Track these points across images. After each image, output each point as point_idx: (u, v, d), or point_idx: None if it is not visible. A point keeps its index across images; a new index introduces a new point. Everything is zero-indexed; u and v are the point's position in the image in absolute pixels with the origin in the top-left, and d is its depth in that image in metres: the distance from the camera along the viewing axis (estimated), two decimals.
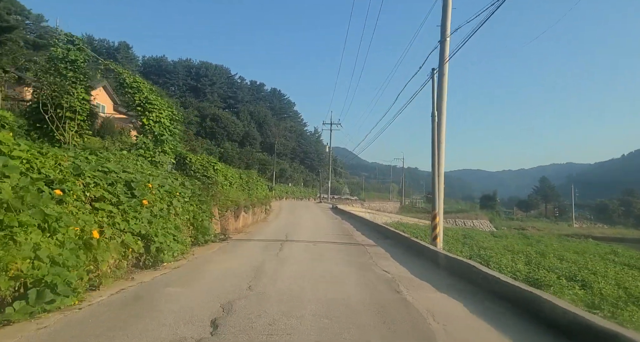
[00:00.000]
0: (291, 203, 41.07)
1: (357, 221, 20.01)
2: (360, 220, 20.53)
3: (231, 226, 12.10)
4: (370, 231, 14.49)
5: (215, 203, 10.62)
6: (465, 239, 16.05)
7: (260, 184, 26.11)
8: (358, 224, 18.09)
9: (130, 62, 68.54)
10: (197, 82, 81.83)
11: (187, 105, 75.31)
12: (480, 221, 49.16)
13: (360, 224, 18.03)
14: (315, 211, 28.93)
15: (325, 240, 10.83)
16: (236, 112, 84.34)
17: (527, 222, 66.75)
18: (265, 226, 15.02)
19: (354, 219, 21.37)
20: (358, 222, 19.59)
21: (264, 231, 12.71)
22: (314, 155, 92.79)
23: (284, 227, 14.77)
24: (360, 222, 18.98)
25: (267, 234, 12.01)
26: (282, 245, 9.37)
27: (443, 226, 10.66)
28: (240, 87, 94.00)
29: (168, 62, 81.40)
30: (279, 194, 51.36)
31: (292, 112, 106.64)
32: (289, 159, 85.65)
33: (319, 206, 38.24)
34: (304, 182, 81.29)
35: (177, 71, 79.73)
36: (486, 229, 41.72)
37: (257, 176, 25.80)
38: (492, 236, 21.60)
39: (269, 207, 26.60)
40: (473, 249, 12.70)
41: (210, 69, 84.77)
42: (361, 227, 16.38)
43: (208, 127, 74.28)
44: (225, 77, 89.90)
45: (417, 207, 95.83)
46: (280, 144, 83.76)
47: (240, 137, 78.88)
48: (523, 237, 23.27)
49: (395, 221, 34.61)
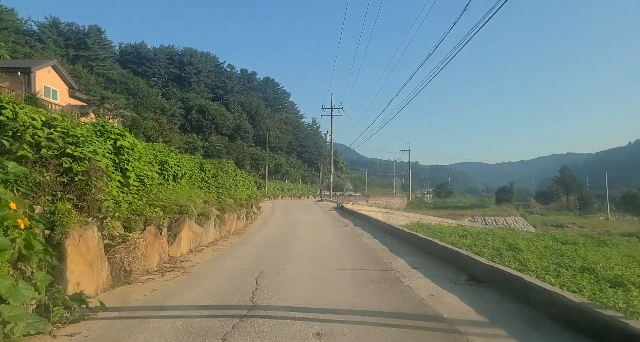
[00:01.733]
0: (287, 203, 35.15)
1: (379, 229, 14.12)
2: (382, 226, 14.63)
3: (153, 260, 6.16)
4: (425, 256, 8.51)
5: (93, 214, 4.70)
6: (552, 255, 10.16)
7: (244, 180, 20.21)
8: (385, 235, 12.19)
9: (104, 48, 62.33)
10: (181, 71, 75.58)
11: (170, 95, 69.25)
12: (515, 219, 43.25)
13: (389, 235, 12.12)
14: (316, 214, 23.01)
15: (344, 304, 4.83)
16: (226, 104, 78.22)
17: (553, 216, 60.96)
18: (231, 249, 9.09)
19: (372, 225, 15.46)
20: (381, 230, 13.68)
21: (214, 270, 6.62)
22: (313, 149, 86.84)
23: (263, 251, 8.83)
24: (385, 231, 13.08)
25: (210, 284, 5.60)
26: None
27: (472, 225, 5.73)
28: (229, 76, 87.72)
29: (148, 49, 75.12)
30: (273, 192, 45.49)
31: (288, 103, 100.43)
32: (285, 154, 79.71)
33: (320, 205, 32.30)
34: (302, 179, 75.43)
35: (158, 59, 73.50)
36: (522, 227, 35.92)
37: (238, 169, 19.89)
38: (557, 242, 15.73)
39: (256, 211, 20.70)
40: (597, 277, 6.68)
41: (195, 56, 78.47)
42: (396, 243, 10.51)
43: (194, 119, 68.26)
44: (212, 65, 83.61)
45: (425, 203, 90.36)
46: (275, 136, 77.81)
47: (230, 131, 72.90)
48: (597, 241, 17.40)
49: (414, 221, 28.78)
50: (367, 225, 15.65)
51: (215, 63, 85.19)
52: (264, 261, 7.26)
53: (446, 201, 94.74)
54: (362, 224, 15.94)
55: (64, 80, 32.74)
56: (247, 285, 5.34)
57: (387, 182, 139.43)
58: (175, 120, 63.18)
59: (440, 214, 40.40)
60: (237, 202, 15.36)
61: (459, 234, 16.11)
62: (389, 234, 12.28)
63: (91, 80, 52.27)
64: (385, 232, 12.86)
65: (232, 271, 6.40)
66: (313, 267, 6.79)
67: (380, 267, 6.89)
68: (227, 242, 10.24)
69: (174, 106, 65.20)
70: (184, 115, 67.49)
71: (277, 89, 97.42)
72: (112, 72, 58.41)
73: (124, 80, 58.01)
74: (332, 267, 6.81)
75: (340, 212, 24.22)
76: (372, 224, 15.72)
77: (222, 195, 13.56)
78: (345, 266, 7.03)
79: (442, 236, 12.13)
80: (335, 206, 29.80)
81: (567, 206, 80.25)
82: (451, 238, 10.81)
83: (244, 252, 8.56)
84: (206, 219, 9.42)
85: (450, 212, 53.90)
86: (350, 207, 27.26)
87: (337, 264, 7.22)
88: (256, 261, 7.27)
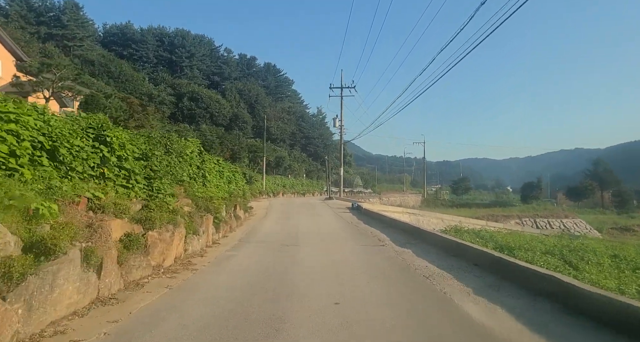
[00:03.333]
0: (288, 202, 29.09)
1: (449, 253, 8.06)
2: (447, 246, 8.56)
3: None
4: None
5: None
6: None
7: (222, 170, 14.21)
8: (482, 275, 6.12)
9: (83, 27, 56.37)
10: (172, 54, 69.48)
11: (158, 81, 63.30)
12: (574, 221, 36.58)
13: (489, 275, 6.04)
14: (326, 219, 17.01)
15: None
16: (222, 92, 72.17)
17: (607, 215, 54.13)
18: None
19: (426, 242, 9.39)
20: (458, 258, 7.63)
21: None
22: (318, 141, 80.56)
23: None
24: (475, 264, 7.01)
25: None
26: None
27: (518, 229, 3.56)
28: (226, 61, 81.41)
29: (134, 29, 68.95)
30: (272, 189, 39.54)
31: (291, 92, 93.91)
32: (287, 146, 73.65)
33: (330, 205, 26.15)
34: (307, 173, 69.41)
35: (146, 40, 67.37)
36: (585, 231, 29.65)
37: (213, 156, 13.95)
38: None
39: (243, 214, 14.72)
40: None
41: (188, 39, 72.19)
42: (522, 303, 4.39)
43: (186, 108, 62.37)
44: (207, 49, 77.30)
45: (442, 200, 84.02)
46: (276, 127, 71.81)
47: (227, 121, 66.94)
48: None
49: (451, 225, 22.75)
50: (416, 240, 9.57)
51: (210, 47, 78.90)
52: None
53: (463, 198, 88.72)
54: (405, 240, 9.86)
55: (9, 50, 26.95)
56: None
57: (396, 178, 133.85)
58: (164, 108, 57.35)
59: (476, 215, 34.21)
60: (201, 204, 9.43)
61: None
62: (482, 270, 6.18)
63: (65, 60, 46.30)
64: (471, 265, 6.77)
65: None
66: None
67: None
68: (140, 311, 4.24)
69: (162, 92, 59.27)
70: (175, 103, 61.58)
71: (279, 76, 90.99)
72: (90, 53, 52.48)
73: (104, 61, 52.10)
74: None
75: (358, 215, 18.18)
76: (425, 240, 9.61)
77: (163, 191, 7.54)
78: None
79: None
80: (349, 205, 23.73)
81: (602, 203, 73.46)
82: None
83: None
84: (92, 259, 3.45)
85: (475, 211, 47.69)
86: (370, 207, 21.21)
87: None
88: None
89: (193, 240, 8.01)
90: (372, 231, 11.99)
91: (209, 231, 9.42)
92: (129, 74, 54.45)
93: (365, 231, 12.12)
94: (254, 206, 20.62)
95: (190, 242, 7.84)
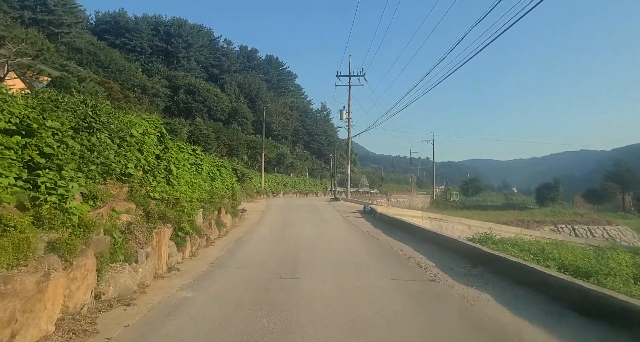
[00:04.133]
0: (289, 203, 25.76)
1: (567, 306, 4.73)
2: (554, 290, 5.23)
3: None
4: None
5: None
6: None
7: (200, 163, 10.95)
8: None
9: (71, 13, 53.20)
10: (168, 44, 66.21)
11: (153, 72, 60.09)
12: (619, 228, 32.93)
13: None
14: (334, 226, 13.69)
15: None
16: (221, 85, 68.93)
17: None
18: None
19: (499, 273, 6.05)
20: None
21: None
22: (322, 138, 77.14)
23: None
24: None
25: None
26: None
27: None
28: (226, 53, 78.05)
29: (128, 17, 65.73)
30: (272, 188, 36.32)
31: (294, 86, 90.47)
32: (289, 143, 70.37)
33: (337, 207, 22.81)
34: (310, 172, 66.12)
35: (141, 29, 64.15)
36: (632, 240, 26.20)
37: (181, 143, 10.77)
38: None
39: (229, 220, 11.46)
40: None
41: (185, 28, 68.87)
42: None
43: (182, 101, 59.20)
44: (206, 40, 73.94)
45: (451, 201, 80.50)
46: (278, 123, 68.58)
47: (225, 115, 63.73)
48: None
49: (479, 232, 19.47)
50: (479, 268, 6.21)
51: (209, 37, 75.57)
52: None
53: (473, 200, 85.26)
54: (461, 266, 6.51)
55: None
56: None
57: (401, 178, 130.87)
58: (158, 101, 54.26)
59: (498, 220, 30.81)
60: (153, 210, 6.25)
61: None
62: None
63: (49, 47, 43.13)
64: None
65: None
66: None
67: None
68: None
69: (157, 84, 56.09)
70: (170, 96, 58.43)
71: (281, 69, 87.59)
72: (77, 40, 49.34)
73: (93, 50, 48.98)
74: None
75: (373, 222, 14.88)
76: (496, 268, 6.25)
77: (65, 191, 4.26)
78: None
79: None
80: (359, 208, 20.43)
81: (623, 206, 69.76)
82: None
83: None
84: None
85: (491, 214, 44.31)
86: (385, 211, 17.91)
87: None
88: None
89: (120, 273, 4.76)
90: (402, 248, 8.71)
91: (161, 252, 6.18)
92: (121, 64, 51.26)
93: (391, 248, 8.84)
94: (247, 208, 17.41)
95: (112, 278, 4.60)
